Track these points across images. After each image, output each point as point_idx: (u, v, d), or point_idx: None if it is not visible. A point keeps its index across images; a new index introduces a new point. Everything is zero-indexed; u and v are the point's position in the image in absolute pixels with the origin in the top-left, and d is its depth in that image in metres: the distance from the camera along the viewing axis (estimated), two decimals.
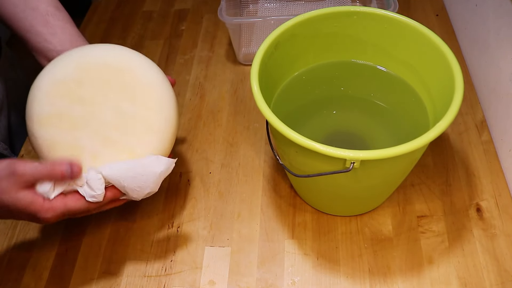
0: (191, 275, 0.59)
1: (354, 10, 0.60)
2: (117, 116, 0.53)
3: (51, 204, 0.50)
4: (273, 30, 0.58)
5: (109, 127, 0.53)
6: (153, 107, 0.54)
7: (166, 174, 0.53)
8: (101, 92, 0.53)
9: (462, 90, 0.50)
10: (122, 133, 0.53)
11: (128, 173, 0.51)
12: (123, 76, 0.54)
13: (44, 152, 0.53)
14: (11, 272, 0.61)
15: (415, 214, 0.62)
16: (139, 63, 0.56)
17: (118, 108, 0.53)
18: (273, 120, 0.49)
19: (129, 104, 0.53)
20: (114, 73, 0.54)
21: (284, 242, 0.61)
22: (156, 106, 0.54)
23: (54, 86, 0.53)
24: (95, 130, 0.53)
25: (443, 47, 0.54)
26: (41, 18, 0.61)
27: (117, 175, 0.51)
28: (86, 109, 0.53)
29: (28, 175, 0.49)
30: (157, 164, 0.52)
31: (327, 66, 0.65)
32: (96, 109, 0.53)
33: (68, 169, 0.49)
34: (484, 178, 0.65)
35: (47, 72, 0.54)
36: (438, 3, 0.91)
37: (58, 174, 0.49)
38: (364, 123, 0.63)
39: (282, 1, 0.91)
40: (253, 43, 0.87)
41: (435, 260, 0.58)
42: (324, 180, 0.53)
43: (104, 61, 0.55)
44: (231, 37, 0.82)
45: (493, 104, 0.70)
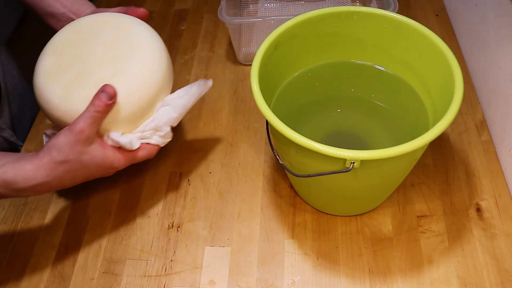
0: (191, 275, 0.59)
1: (354, 10, 0.60)
2: (111, 57, 0.57)
3: (122, 153, 0.56)
4: (273, 30, 0.58)
5: (106, 65, 0.56)
6: (145, 46, 0.58)
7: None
8: (97, 44, 0.58)
9: (462, 90, 0.50)
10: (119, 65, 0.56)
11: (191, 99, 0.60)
12: (118, 28, 0.59)
13: (56, 100, 0.55)
14: (11, 272, 0.61)
15: (415, 214, 0.62)
16: (136, 24, 0.60)
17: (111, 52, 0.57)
18: (273, 120, 0.49)
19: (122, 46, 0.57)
20: (110, 29, 0.59)
21: (284, 242, 0.61)
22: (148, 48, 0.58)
23: (55, 45, 0.59)
24: (93, 72, 0.56)
25: (443, 47, 0.55)
26: None
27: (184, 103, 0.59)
28: (84, 59, 0.57)
29: (86, 128, 0.51)
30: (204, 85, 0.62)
31: (327, 66, 0.65)
32: (93, 60, 0.57)
33: (104, 95, 0.52)
34: (484, 178, 0.65)
35: (52, 38, 0.61)
36: (438, 3, 0.91)
37: (103, 106, 0.52)
38: (364, 123, 0.63)
39: (282, 1, 0.91)
40: (253, 43, 0.87)
41: (435, 260, 0.58)
42: (324, 180, 0.54)
43: (103, 22, 0.60)
44: (231, 37, 0.82)
45: (493, 104, 0.70)
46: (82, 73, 0.56)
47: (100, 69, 0.55)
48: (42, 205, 0.67)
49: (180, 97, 0.59)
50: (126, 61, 0.56)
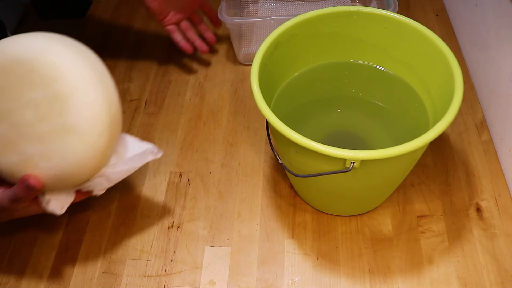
0: (191, 275, 0.59)
1: (354, 10, 0.60)
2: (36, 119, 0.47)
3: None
4: (273, 30, 0.58)
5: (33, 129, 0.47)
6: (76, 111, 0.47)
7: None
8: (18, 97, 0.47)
9: (462, 90, 0.50)
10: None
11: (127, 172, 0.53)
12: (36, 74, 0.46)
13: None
14: (11, 272, 0.61)
15: (415, 214, 0.62)
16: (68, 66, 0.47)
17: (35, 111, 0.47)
18: (273, 120, 0.49)
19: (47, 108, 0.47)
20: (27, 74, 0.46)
21: (284, 242, 0.61)
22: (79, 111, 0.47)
23: None
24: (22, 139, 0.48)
25: (443, 47, 0.55)
26: None
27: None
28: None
29: (5, 203, 0.49)
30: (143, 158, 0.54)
31: (327, 66, 0.65)
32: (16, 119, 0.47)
33: (26, 186, 0.47)
34: (484, 178, 0.65)
35: None
36: (438, 3, 0.91)
37: (24, 195, 0.48)
38: (364, 123, 0.63)
39: (282, 1, 0.91)
40: (253, 43, 0.87)
41: (435, 260, 0.58)
42: (324, 180, 0.54)
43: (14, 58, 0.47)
44: (231, 37, 0.82)
45: (493, 104, 0.70)
46: (8, 139, 0.48)
47: (27, 143, 0.47)
48: None
49: (119, 172, 0.52)
50: (56, 139, 0.47)
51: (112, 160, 0.52)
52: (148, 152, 0.54)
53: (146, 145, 0.54)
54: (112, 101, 0.49)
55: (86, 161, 0.48)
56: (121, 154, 0.53)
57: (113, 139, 0.50)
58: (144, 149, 0.53)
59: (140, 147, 0.54)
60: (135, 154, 0.53)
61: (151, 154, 0.54)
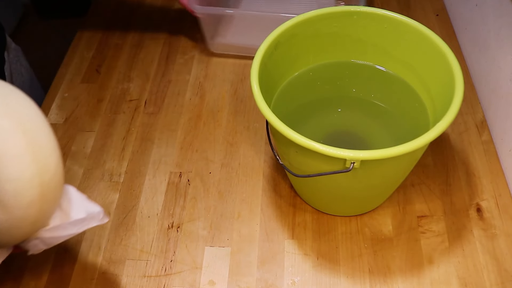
0: (191, 275, 0.59)
1: (354, 10, 0.60)
2: None
3: None
4: (273, 30, 0.58)
5: None
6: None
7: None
8: None
9: (462, 90, 0.50)
10: None
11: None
12: None
13: None
14: (11, 272, 0.61)
15: (415, 214, 0.62)
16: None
17: None
18: (273, 120, 0.49)
19: None
20: None
21: (284, 242, 0.61)
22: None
23: None
24: None
25: (443, 47, 0.54)
26: None
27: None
28: None
29: None
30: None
31: (327, 66, 0.65)
32: None
33: None
34: (484, 178, 0.65)
35: None
36: (438, 3, 0.91)
37: None
38: (364, 123, 0.63)
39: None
40: (230, 35, 0.87)
41: (435, 260, 0.58)
42: (324, 180, 0.53)
43: None
44: (201, 24, 0.82)
45: (493, 104, 0.70)
46: None
47: None
48: None
49: (57, 237, 0.48)
50: None
51: (53, 220, 0.47)
52: (93, 216, 0.49)
53: (93, 207, 0.49)
54: (45, 168, 0.43)
55: (14, 230, 0.45)
56: (65, 214, 0.48)
57: (47, 207, 0.45)
58: (89, 213, 0.49)
59: (86, 209, 0.49)
60: (78, 219, 0.48)
61: (96, 220, 0.49)
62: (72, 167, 0.71)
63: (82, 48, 0.90)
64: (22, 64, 0.82)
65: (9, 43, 0.78)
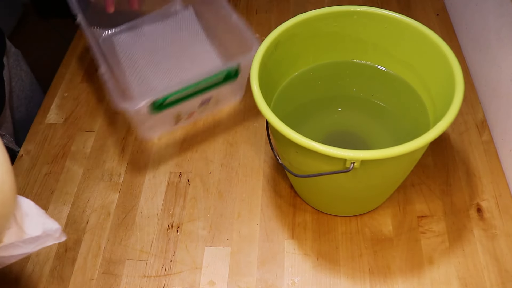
0: (191, 275, 0.59)
1: (354, 9, 0.60)
2: None
3: None
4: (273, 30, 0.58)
5: None
6: None
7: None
8: None
9: (462, 90, 0.50)
10: None
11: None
12: None
13: None
14: (11, 272, 0.61)
15: (416, 214, 0.62)
16: None
17: None
18: (273, 120, 0.49)
19: None
20: None
21: (284, 242, 0.61)
22: None
23: None
24: None
25: (444, 46, 0.54)
26: None
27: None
28: None
29: None
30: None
31: (327, 66, 0.65)
32: None
33: None
34: (484, 178, 0.65)
35: None
36: (438, 2, 0.91)
37: None
38: (364, 123, 0.63)
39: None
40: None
41: (436, 260, 0.58)
42: (324, 180, 0.53)
43: None
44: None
45: (494, 104, 0.70)
46: None
47: None
48: (41, 205, 0.67)
49: (8, 257, 0.44)
50: None
51: (7, 237, 0.44)
52: (50, 234, 0.46)
53: (50, 224, 0.46)
54: None
55: None
56: (20, 229, 0.44)
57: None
58: (46, 231, 0.45)
59: (43, 225, 0.46)
60: (33, 237, 0.44)
61: (52, 238, 0.46)
62: (72, 167, 0.71)
63: (82, 48, 0.90)
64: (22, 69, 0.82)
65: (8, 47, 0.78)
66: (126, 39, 0.82)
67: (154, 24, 0.84)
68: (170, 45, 0.81)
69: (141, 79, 0.76)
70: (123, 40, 0.82)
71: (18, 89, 0.79)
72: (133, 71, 0.78)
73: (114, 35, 0.83)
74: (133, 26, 0.84)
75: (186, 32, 0.82)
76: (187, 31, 0.82)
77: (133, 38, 0.83)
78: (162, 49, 0.81)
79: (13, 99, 0.78)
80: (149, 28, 0.84)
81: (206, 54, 0.79)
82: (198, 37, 0.81)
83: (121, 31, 0.83)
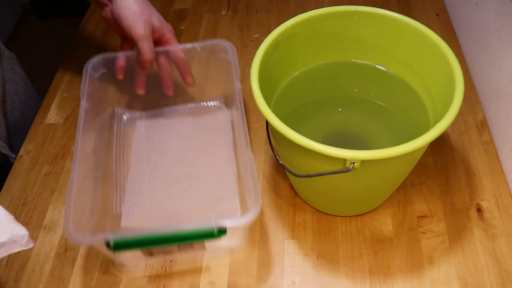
0: (191, 275, 0.59)
1: (354, 9, 0.60)
2: None
3: None
4: (273, 30, 0.58)
5: None
6: None
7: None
8: None
9: (462, 90, 0.50)
10: None
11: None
12: None
13: None
14: (11, 272, 0.61)
15: (416, 214, 0.62)
16: None
17: None
18: (273, 120, 0.49)
19: None
20: None
21: (284, 242, 0.61)
22: None
23: None
24: None
25: (444, 46, 0.54)
26: None
27: None
28: None
29: None
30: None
31: (327, 66, 0.65)
32: None
33: None
34: (484, 178, 0.65)
35: None
36: (438, 2, 0.91)
37: None
38: (364, 123, 0.63)
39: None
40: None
41: (436, 260, 0.58)
42: (324, 180, 0.53)
43: None
44: None
45: (494, 104, 0.70)
46: None
47: None
48: (41, 206, 0.67)
49: None
50: None
51: None
52: (16, 241, 0.44)
53: (18, 230, 0.45)
54: None
55: None
56: None
57: None
58: (12, 237, 0.44)
59: (11, 231, 0.44)
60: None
61: (18, 244, 0.45)
62: None
63: (82, 48, 0.90)
64: (17, 72, 0.81)
65: (2, 50, 0.77)
66: (147, 126, 0.72)
67: (184, 118, 0.73)
68: (189, 149, 0.69)
69: (139, 182, 0.65)
70: (142, 127, 0.72)
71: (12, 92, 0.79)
72: (135, 170, 0.67)
73: (138, 118, 0.74)
74: (160, 114, 0.74)
75: (214, 136, 0.70)
76: (215, 134, 0.70)
77: (154, 129, 0.72)
78: (179, 151, 0.69)
79: (7, 103, 0.78)
80: (176, 120, 0.73)
81: (226, 168, 0.67)
82: (225, 144, 0.69)
83: (145, 116, 0.74)
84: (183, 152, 0.67)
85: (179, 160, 0.67)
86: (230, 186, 0.63)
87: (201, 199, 0.62)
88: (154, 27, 0.62)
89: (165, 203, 0.63)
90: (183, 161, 0.67)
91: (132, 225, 0.59)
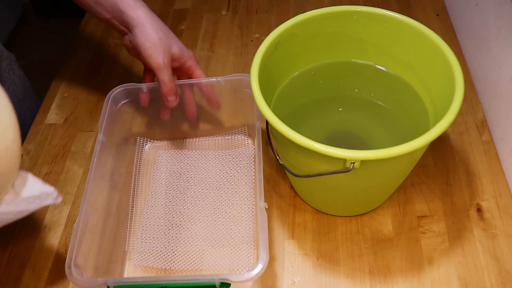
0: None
1: (354, 9, 0.60)
2: None
3: None
4: (273, 30, 0.58)
5: None
6: None
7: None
8: None
9: (462, 90, 0.50)
10: None
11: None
12: None
13: None
14: (11, 272, 0.61)
15: (416, 214, 0.62)
16: None
17: None
18: (273, 120, 0.49)
19: None
20: None
21: (284, 242, 0.61)
22: None
23: None
24: None
25: (444, 46, 0.54)
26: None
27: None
28: None
29: None
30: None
31: (327, 66, 0.65)
32: None
33: None
34: (484, 178, 0.65)
35: None
36: (438, 2, 0.91)
37: None
38: (364, 123, 0.63)
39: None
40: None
41: (436, 260, 0.58)
42: (324, 180, 0.53)
43: None
44: None
45: (494, 104, 0.70)
46: None
47: None
48: None
49: (8, 213, 0.45)
50: None
51: (6, 198, 0.45)
52: (47, 195, 0.47)
53: (47, 188, 0.47)
54: (1, 136, 0.40)
55: None
56: (18, 193, 0.46)
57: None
58: (43, 192, 0.47)
59: (41, 188, 0.47)
60: (30, 196, 0.46)
61: (49, 198, 0.47)
62: (72, 167, 0.71)
63: (82, 48, 0.90)
64: (15, 73, 0.81)
65: (1, 51, 0.77)
66: (169, 157, 0.71)
67: (207, 151, 0.71)
68: (210, 184, 0.67)
69: (154, 218, 0.64)
70: (163, 159, 0.71)
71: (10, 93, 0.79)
72: (152, 203, 0.66)
73: (160, 148, 0.72)
74: (183, 145, 0.72)
75: (235, 172, 0.68)
76: (237, 170, 0.68)
77: (176, 160, 0.70)
78: (199, 185, 0.67)
79: None
80: (199, 153, 0.71)
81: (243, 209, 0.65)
82: (246, 181, 0.67)
83: (168, 146, 0.73)
84: (203, 187, 0.66)
85: (198, 196, 0.66)
86: (247, 228, 0.62)
87: (216, 240, 0.61)
88: (174, 56, 0.61)
89: (179, 242, 0.61)
90: (202, 197, 0.66)
91: (142, 263, 0.60)
